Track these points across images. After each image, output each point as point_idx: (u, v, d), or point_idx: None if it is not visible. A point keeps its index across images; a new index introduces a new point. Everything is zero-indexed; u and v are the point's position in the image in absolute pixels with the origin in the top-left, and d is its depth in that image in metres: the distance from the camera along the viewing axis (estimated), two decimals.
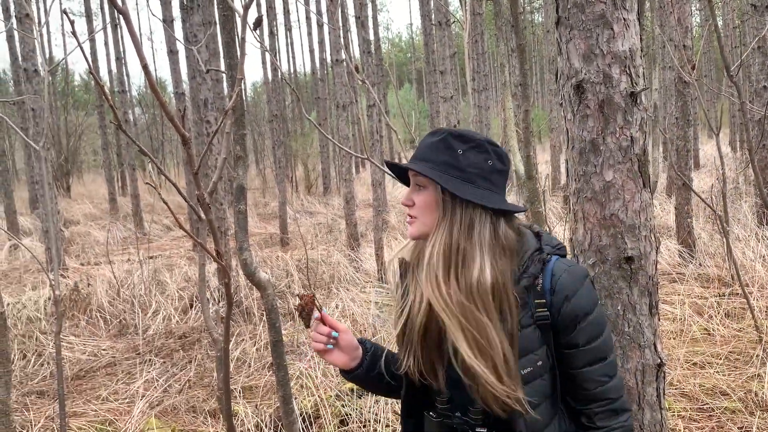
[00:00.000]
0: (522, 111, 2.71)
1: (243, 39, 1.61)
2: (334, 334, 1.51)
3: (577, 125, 1.81)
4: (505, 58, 5.35)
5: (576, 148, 1.82)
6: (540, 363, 1.38)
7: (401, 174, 1.56)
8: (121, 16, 1.31)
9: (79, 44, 1.33)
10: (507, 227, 1.43)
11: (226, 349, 1.37)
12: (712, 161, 16.84)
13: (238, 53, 1.66)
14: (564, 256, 1.47)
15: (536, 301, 1.38)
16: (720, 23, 25.76)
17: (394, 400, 3.74)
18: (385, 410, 3.65)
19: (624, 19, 1.75)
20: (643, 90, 1.77)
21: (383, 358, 1.60)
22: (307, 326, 1.51)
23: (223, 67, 5.14)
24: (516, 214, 1.47)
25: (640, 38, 1.80)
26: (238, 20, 2.02)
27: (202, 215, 1.33)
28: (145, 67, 1.12)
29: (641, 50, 1.81)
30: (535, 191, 2.66)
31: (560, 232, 7.35)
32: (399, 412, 3.56)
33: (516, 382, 1.34)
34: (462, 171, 1.41)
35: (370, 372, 1.57)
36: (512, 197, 12.41)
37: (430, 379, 1.46)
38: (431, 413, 1.49)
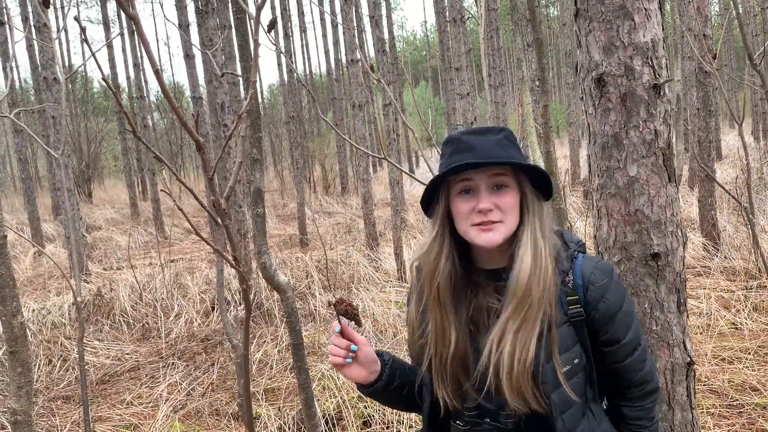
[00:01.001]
0: (541, 106, 2.66)
1: (256, 41, 1.59)
2: (353, 347, 1.44)
3: (599, 119, 1.76)
4: (521, 52, 5.29)
5: (598, 143, 1.78)
6: (576, 361, 1.37)
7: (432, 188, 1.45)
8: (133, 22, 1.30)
9: (92, 51, 1.32)
10: None
11: (246, 356, 1.36)
12: (734, 152, 16.55)
13: (252, 55, 1.65)
14: (585, 252, 1.45)
15: (568, 298, 1.36)
16: (740, 11, 25.33)
17: None
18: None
19: (645, 9, 1.70)
20: (667, 81, 1.72)
21: (401, 370, 1.54)
22: (359, 324, 1.45)
23: (239, 71, 5.15)
24: None
25: (662, 28, 1.75)
26: (252, 23, 2.01)
27: (219, 220, 1.32)
28: (156, 72, 1.10)
29: (663, 41, 1.76)
30: (556, 188, 2.61)
31: (581, 227, 7.27)
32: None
33: (549, 382, 1.32)
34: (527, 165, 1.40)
35: (389, 386, 1.51)
36: None
37: (453, 397, 1.42)
38: (458, 422, 1.45)
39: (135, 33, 16.69)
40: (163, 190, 1.27)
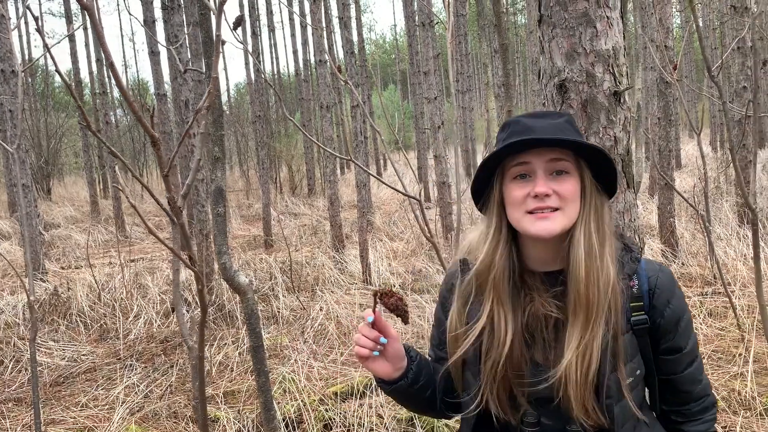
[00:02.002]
0: (505, 111, 2.68)
1: (218, 36, 1.56)
2: (382, 339, 1.30)
3: None
4: (487, 58, 5.34)
5: None
6: (638, 372, 1.29)
7: (485, 177, 1.33)
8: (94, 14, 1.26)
9: (45, 43, 1.28)
10: None
11: (201, 357, 1.33)
12: (693, 161, 16.99)
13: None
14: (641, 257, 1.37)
15: (632, 304, 1.27)
16: (700, 24, 26.08)
17: (380, 404, 3.70)
18: (369, 414, 3.61)
19: (607, 17, 1.73)
20: (627, 89, 1.75)
21: (427, 369, 1.42)
22: (406, 322, 1.30)
23: (204, 68, 5.07)
24: None
25: (624, 37, 1.78)
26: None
27: (174, 218, 1.29)
28: (111, 64, 1.07)
29: (624, 49, 1.79)
30: None
31: None
32: (383, 417, 3.52)
33: (614, 396, 1.24)
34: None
35: (413, 386, 1.37)
36: None
37: (504, 408, 1.31)
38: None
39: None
40: (115, 185, 1.23)
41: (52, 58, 1.18)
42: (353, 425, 3.55)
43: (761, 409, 3.32)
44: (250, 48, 12.51)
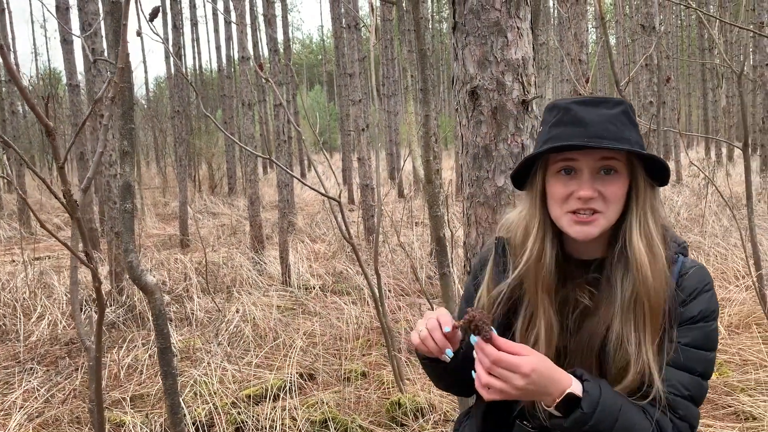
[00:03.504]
0: (422, 116, 2.73)
1: (124, 26, 1.51)
2: (448, 352, 1.22)
3: (472, 131, 1.83)
4: (408, 62, 5.39)
5: (470, 154, 1.84)
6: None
7: (525, 170, 1.27)
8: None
9: None
10: None
11: (98, 359, 1.27)
12: None
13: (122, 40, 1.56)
14: (686, 255, 1.30)
15: None
16: (613, 41, 27.45)
17: (294, 406, 3.67)
18: (282, 416, 3.56)
19: (518, 27, 1.78)
20: (535, 98, 1.82)
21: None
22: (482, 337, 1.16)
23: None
24: None
25: (533, 47, 1.85)
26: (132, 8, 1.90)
27: (71, 213, 1.23)
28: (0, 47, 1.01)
29: (534, 59, 1.85)
30: (434, 195, 2.68)
31: (462, 236, 7.51)
32: (296, 419, 3.49)
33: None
34: (644, 148, 1.20)
35: (451, 366, 1.29)
36: (418, 201, 12.61)
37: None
38: (524, 422, 1.29)
39: (6, 12, 15.40)
40: (1, 176, 1.16)
41: None
42: (265, 428, 3.49)
43: None
44: (171, 42, 12.12)
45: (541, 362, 1.09)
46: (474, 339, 1.11)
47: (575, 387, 1.12)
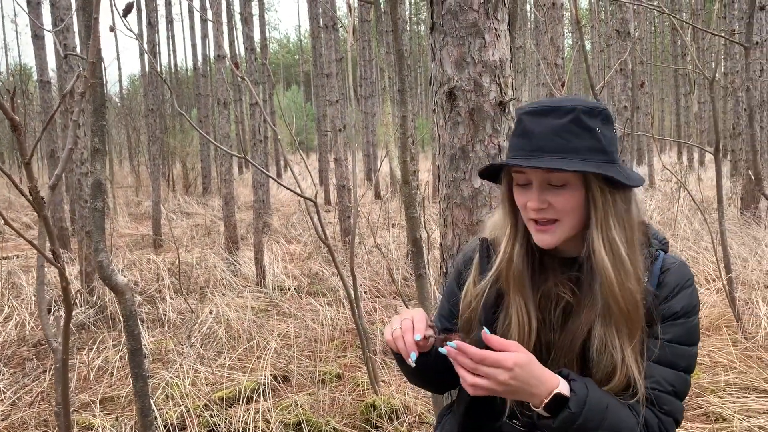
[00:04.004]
0: (399, 116, 2.72)
1: (95, 19, 1.47)
2: (412, 355, 1.22)
3: (449, 132, 1.82)
4: (386, 63, 5.39)
5: (447, 155, 1.84)
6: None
7: (494, 174, 1.31)
8: None
9: None
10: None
11: (65, 360, 1.23)
12: None
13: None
14: (667, 252, 1.31)
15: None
16: (588, 46, 27.79)
17: (268, 408, 3.63)
18: (256, 419, 3.52)
19: (495, 29, 1.78)
20: (512, 100, 1.82)
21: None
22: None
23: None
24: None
25: (510, 49, 1.85)
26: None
27: (37, 210, 1.19)
28: None
29: (511, 61, 1.85)
30: (411, 196, 2.67)
31: (438, 238, 7.52)
32: (270, 421, 3.45)
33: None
34: (606, 153, 1.18)
35: (427, 369, 1.30)
36: (395, 202, 12.61)
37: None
38: (514, 421, 1.30)
39: None
40: None
41: None
42: (238, 431, 3.45)
43: None
44: (145, 39, 11.96)
45: (525, 358, 1.11)
46: (442, 350, 1.13)
47: (563, 387, 1.13)
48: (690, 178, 14.58)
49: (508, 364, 1.08)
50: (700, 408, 3.53)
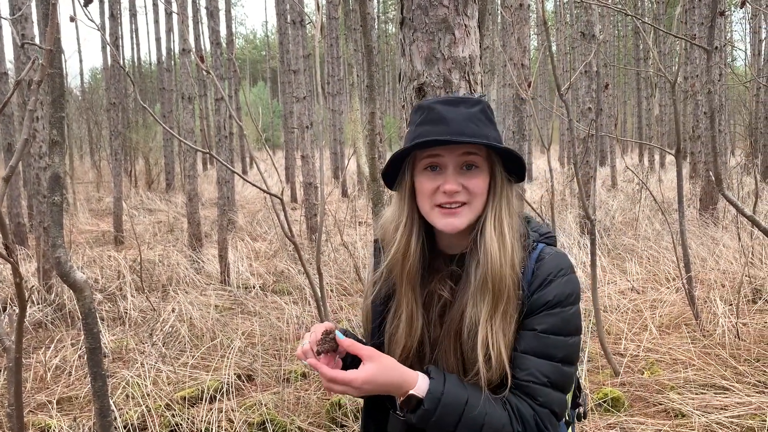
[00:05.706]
0: (368, 113, 2.70)
1: (54, 5, 1.42)
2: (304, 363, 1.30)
3: None
4: (354, 59, 5.36)
5: None
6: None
7: (394, 169, 1.34)
8: None
9: None
10: None
11: (18, 359, 1.18)
12: (543, 174, 18.28)
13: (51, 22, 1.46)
14: (553, 245, 1.35)
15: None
16: (554, 49, 28.17)
17: (232, 408, 3.57)
18: (219, 419, 3.47)
19: (465, 25, 1.77)
20: (481, 97, 1.81)
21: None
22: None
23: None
24: None
25: (480, 47, 1.84)
26: None
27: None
28: None
29: (480, 58, 1.85)
30: (378, 193, 2.65)
31: None
32: (234, 421, 3.40)
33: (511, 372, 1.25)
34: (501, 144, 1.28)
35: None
36: (362, 200, 12.58)
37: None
38: (397, 413, 1.35)
39: None
40: None
41: None
42: (201, 431, 3.39)
43: (592, 405, 3.60)
44: (108, 31, 11.67)
45: (376, 371, 1.17)
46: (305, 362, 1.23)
47: (420, 385, 1.19)
48: (651, 179, 14.89)
49: (356, 384, 1.16)
50: (661, 404, 3.60)
